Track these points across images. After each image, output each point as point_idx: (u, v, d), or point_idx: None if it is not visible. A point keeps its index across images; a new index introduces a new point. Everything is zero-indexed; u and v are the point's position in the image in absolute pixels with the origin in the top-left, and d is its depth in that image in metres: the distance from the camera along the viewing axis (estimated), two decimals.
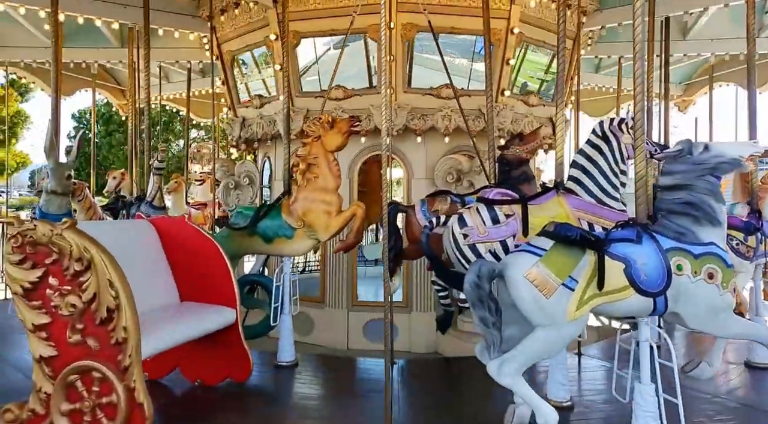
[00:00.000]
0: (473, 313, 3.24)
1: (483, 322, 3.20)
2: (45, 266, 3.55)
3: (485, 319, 3.19)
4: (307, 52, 7.49)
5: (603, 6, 7.99)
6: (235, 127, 8.41)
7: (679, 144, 3.47)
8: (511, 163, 5.46)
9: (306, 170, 5.31)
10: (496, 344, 3.19)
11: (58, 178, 5.44)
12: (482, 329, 3.22)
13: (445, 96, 7.13)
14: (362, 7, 6.88)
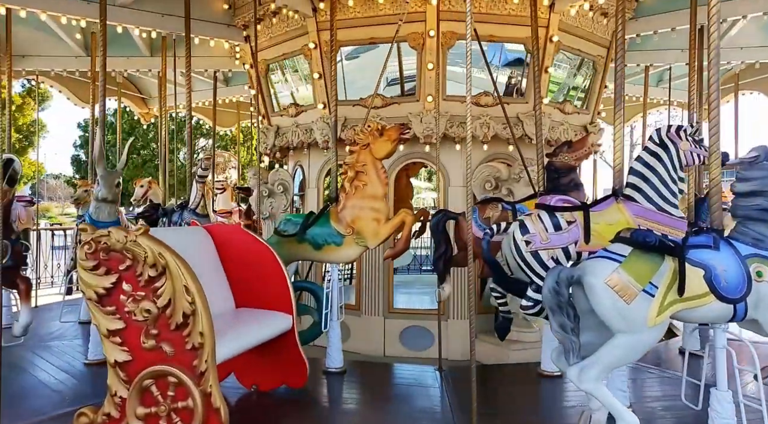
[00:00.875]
0: (551, 319, 3.24)
1: (562, 328, 3.20)
2: (119, 272, 3.59)
3: (564, 325, 3.20)
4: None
5: (638, 14, 8.01)
6: (269, 135, 8.46)
7: (754, 150, 3.48)
8: (559, 170, 5.49)
9: (354, 178, 5.35)
10: (575, 350, 3.19)
11: (108, 186, 5.50)
12: (561, 335, 3.22)
13: (483, 104, 7.17)
14: (401, 16, 6.96)
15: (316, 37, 7.21)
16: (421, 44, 6.90)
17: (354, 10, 6.92)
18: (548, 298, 3.22)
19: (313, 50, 7.29)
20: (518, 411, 4.60)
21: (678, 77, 11.06)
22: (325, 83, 7.31)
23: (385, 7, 6.96)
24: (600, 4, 7.47)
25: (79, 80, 11.57)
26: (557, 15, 7.14)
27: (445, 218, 5.43)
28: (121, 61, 10.27)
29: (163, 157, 9.86)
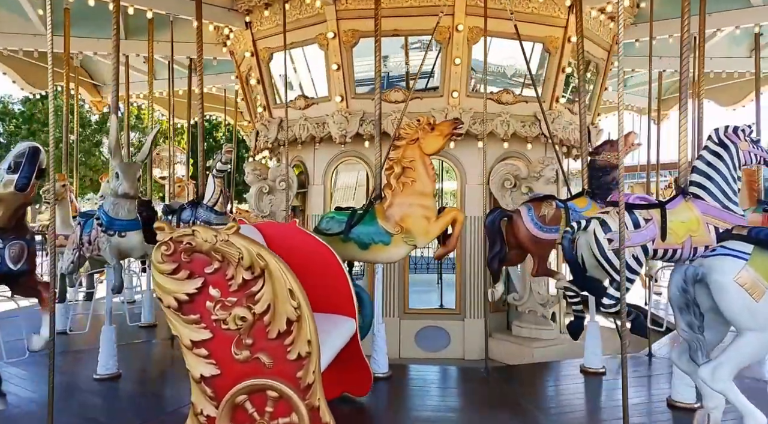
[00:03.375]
0: (679, 318, 3.20)
1: (690, 327, 3.16)
2: (204, 276, 3.19)
3: (692, 324, 3.16)
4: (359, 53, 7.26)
5: (638, 20, 8.27)
6: (271, 128, 8.01)
7: None
8: (603, 168, 5.52)
9: (401, 174, 5.10)
10: (703, 348, 3.16)
11: (130, 179, 4.94)
12: (689, 335, 3.18)
13: (504, 101, 7.12)
14: (428, 9, 6.79)
15: (335, 26, 6.88)
16: (448, 39, 6.74)
17: None
18: (676, 297, 3.17)
19: (331, 40, 6.95)
20: (577, 408, 4.55)
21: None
22: (343, 75, 6.99)
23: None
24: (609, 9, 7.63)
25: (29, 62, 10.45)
26: (574, 16, 7.20)
27: (501, 215, 5.32)
28: (90, 42, 9.38)
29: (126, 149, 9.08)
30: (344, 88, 7.07)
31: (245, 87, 9.18)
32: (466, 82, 6.99)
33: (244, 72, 9.03)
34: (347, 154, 7.61)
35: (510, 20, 6.58)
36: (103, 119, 25.32)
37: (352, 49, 7.02)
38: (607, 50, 8.37)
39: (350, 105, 7.13)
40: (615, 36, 8.38)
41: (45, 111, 26.06)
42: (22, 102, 27.17)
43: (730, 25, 7.82)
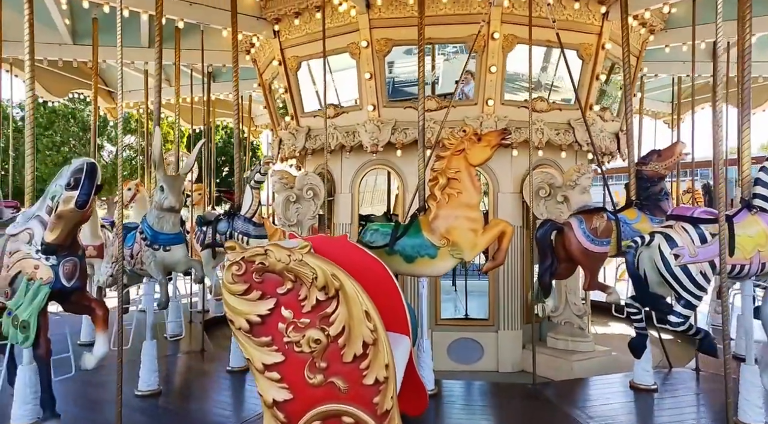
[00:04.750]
0: None
1: None
2: (276, 296, 3.09)
3: None
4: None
5: (670, 26, 8.21)
6: (299, 137, 7.92)
7: None
8: (651, 179, 5.44)
9: (446, 185, 5.00)
10: None
11: (176, 193, 4.84)
12: None
13: (538, 109, 7.03)
14: (461, 17, 6.72)
15: (368, 35, 6.80)
16: (483, 47, 6.66)
17: (412, 9, 6.56)
18: None
19: (363, 49, 6.86)
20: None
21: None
22: (375, 84, 6.91)
23: (446, 8, 6.67)
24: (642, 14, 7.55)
25: (51, 71, 10.38)
26: (609, 23, 7.15)
27: (552, 228, 5.22)
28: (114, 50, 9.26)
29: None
30: (376, 96, 6.99)
31: (268, 95, 9.10)
32: (501, 90, 6.91)
33: (267, 80, 8.94)
34: (377, 163, 7.51)
35: (545, 27, 6.51)
36: (103, 123, 25.24)
37: (385, 58, 6.93)
38: (636, 56, 8.29)
39: (382, 114, 7.04)
40: (644, 41, 8.32)
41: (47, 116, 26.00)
42: (21, 107, 27.04)
43: (764, 30, 7.72)
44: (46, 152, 25.14)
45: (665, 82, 11.75)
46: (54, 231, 3.79)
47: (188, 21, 7.41)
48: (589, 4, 7.02)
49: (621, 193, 7.25)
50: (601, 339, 7.67)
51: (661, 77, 10.99)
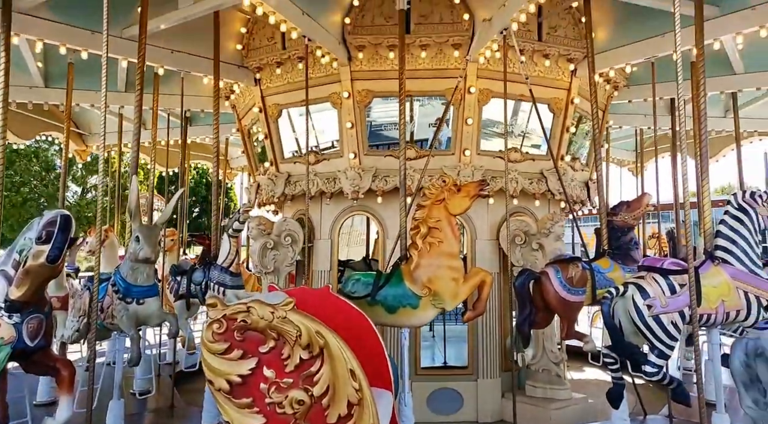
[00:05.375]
0: (744, 395, 3.19)
1: (755, 403, 3.15)
2: (258, 356, 3.04)
3: (758, 400, 3.16)
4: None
5: (632, 83, 8.68)
6: (278, 183, 7.94)
7: None
8: (621, 229, 5.62)
9: (428, 234, 5.07)
10: None
11: (152, 244, 4.76)
12: (755, 412, 3.17)
13: (513, 159, 7.25)
14: (439, 71, 6.98)
15: (350, 86, 6.98)
16: (460, 100, 6.91)
17: (393, 63, 6.80)
18: (740, 372, 3.17)
19: (345, 99, 7.03)
20: None
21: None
22: (356, 132, 7.05)
23: (424, 62, 6.93)
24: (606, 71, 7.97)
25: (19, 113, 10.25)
26: (578, 80, 7.52)
27: (529, 277, 5.31)
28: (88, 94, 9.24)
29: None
30: (357, 145, 7.12)
31: (247, 140, 9.16)
32: (477, 141, 7.13)
33: (246, 126, 9.02)
34: (357, 209, 7.57)
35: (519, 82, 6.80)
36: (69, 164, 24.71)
37: (366, 108, 7.10)
38: (603, 110, 8.68)
39: (363, 161, 7.16)
40: (610, 96, 8.75)
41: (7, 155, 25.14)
42: None
43: (716, 90, 8.25)
44: (5, 193, 24.40)
45: (629, 133, 12.31)
46: (21, 287, 3.61)
47: (169, 68, 7.47)
48: (558, 61, 7.39)
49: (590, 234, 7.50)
50: (577, 385, 7.69)
51: (625, 128, 11.50)
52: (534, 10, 6.18)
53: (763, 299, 4.40)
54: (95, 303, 3.81)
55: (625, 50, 7.32)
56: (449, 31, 6.92)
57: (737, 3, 6.12)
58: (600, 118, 8.63)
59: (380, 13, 7.02)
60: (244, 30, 7.98)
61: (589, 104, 7.85)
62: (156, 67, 7.38)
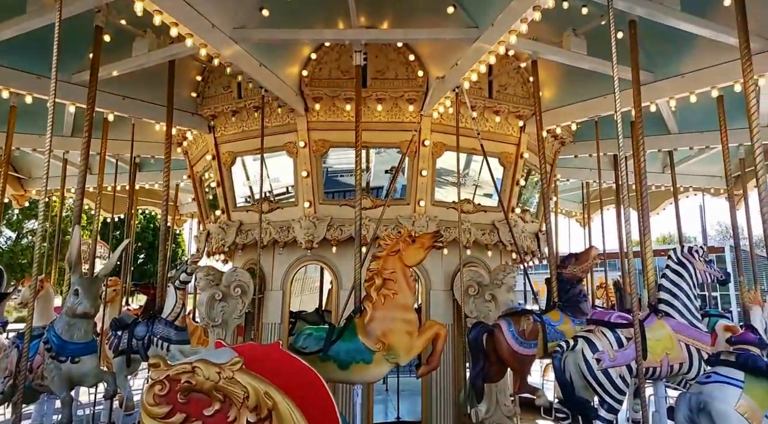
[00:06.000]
0: None
1: None
2: (202, 419, 2.87)
3: None
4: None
5: (577, 139, 9.14)
6: (230, 231, 7.75)
7: None
8: (570, 281, 5.75)
9: (382, 286, 5.02)
10: None
11: (92, 297, 4.47)
12: None
13: (466, 210, 7.39)
14: (394, 124, 7.15)
15: (306, 136, 7.02)
16: (415, 152, 7.06)
17: (349, 114, 6.92)
18: None
19: (301, 149, 7.05)
20: None
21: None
22: (312, 182, 7.04)
23: (380, 115, 7.08)
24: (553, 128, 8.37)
25: None
26: (526, 135, 7.85)
27: (483, 331, 5.30)
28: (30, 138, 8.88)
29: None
30: (312, 193, 7.09)
31: (198, 188, 8.98)
32: (432, 192, 7.25)
33: (198, 172, 8.87)
34: (311, 259, 7.46)
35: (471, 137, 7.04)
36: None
37: (321, 157, 7.14)
38: (550, 164, 9.06)
39: (318, 210, 7.12)
40: (557, 151, 9.16)
41: None
42: None
43: (654, 148, 8.80)
44: None
45: (577, 185, 12.86)
46: None
47: (120, 114, 7.32)
48: (508, 118, 7.72)
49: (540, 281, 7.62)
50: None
51: (572, 181, 12.02)
52: (484, 70, 6.46)
53: (703, 351, 4.56)
54: (25, 362, 3.50)
55: (570, 109, 7.75)
56: (404, 86, 7.15)
57: (669, 70, 6.63)
58: (548, 171, 9.03)
59: (337, 67, 7.19)
60: (199, 78, 7.98)
61: (538, 158, 8.22)
62: (106, 113, 7.21)
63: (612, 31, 4.26)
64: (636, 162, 5.81)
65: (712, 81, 6.29)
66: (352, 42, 6.12)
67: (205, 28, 5.30)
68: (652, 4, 5.29)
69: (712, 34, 5.56)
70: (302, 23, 6.39)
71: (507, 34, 5.24)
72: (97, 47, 5.51)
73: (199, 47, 5.42)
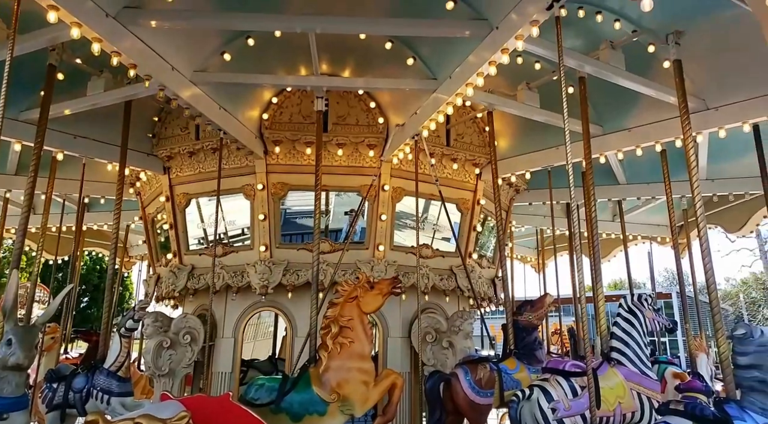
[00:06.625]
0: None
1: None
2: None
3: None
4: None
5: (530, 187, 9.42)
6: (181, 276, 7.48)
7: (741, 327, 4.13)
8: (526, 329, 5.78)
9: (339, 334, 4.91)
10: None
11: (27, 348, 4.14)
12: None
13: (424, 255, 7.40)
14: (355, 168, 7.19)
15: (265, 179, 6.96)
16: (374, 197, 7.09)
17: (309, 158, 6.93)
18: None
19: (259, 191, 6.97)
20: None
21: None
22: (269, 225, 6.93)
23: (341, 159, 7.12)
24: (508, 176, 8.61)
25: None
26: (482, 183, 8.04)
27: (440, 380, 5.21)
28: None
29: None
30: (269, 237, 6.98)
31: (150, 230, 8.70)
32: (391, 237, 7.26)
33: (150, 214, 8.61)
34: (265, 305, 7.25)
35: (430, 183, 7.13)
36: None
37: (280, 200, 7.07)
38: (506, 211, 9.27)
39: (274, 254, 6.99)
40: (512, 198, 9.40)
41: None
42: None
43: (604, 197, 9.16)
44: None
45: (532, 231, 13.17)
46: None
47: (70, 154, 7.08)
48: (465, 165, 7.91)
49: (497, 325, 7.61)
50: None
51: (527, 227, 12.31)
52: (443, 119, 6.64)
53: (654, 400, 4.62)
54: None
55: (524, 158, 8.01)
56: (365, 132, 7.26)
57: (617, 124, 6.99)
58: (503, 218, 9.24)
59: (299, 111, 7.24)
60: (156, 118, 7.86)
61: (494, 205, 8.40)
62: (55, 152, 6.95)
63: (563, 87, 4.46)
64: (587, 211, 6.05)
65: (656, 136, 6.65)
66: (314, 88, 6.20)
67: (164, 70, 5.27)
68: (599, 63, 5.61)
69: (653, 93, 5.92)
70: (265, 68, 6.46)
71: (464, 87, 5.42)
72: (49, 86, 5.36)
73: (158, 89, 5.36)
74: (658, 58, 5.65)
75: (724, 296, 40.39)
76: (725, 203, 9.32)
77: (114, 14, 4.57)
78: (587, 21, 5.61)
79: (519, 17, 4.43)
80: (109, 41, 4.59)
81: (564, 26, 4.65)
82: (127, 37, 4.75)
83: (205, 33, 5.76)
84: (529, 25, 4.38)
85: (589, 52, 5.72)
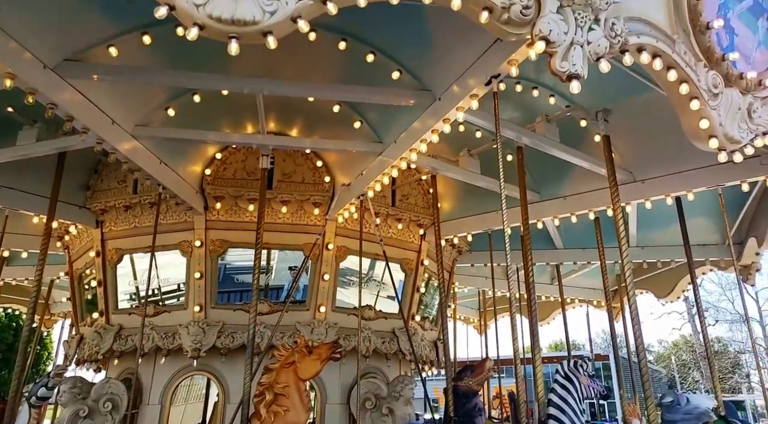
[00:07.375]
0: None
1: None
2: None
3: None
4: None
5: (472, 249, 9.59)
6: (107, 336, 6.97)
7: (669, 395, 4.26)
8: (466, 394, 5.68)
9: (273, 402, 4.69)
10: None
11: None
12: None
13: (366, 317, 7.28)
14: (299, 226, 7.11)
15: (203, 235, 6.74)
16: (318, 255, 6.99)
17: (252, 215, 6.80)
18: None
19: (197, 248, 6.72)
20: None
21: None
22: (205, 283, 6.65)
23: (284, 217, 7.03)
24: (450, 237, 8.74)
25: None
26: (426, 243, 8.12)
27: None
28: None
29: None
30: (205, 296, 6.68)
31: (76, 286, 8.15)
32: (333, 297, 7.12)
33: (78, 270, 8.10)
34: (197, 369, 6.82)
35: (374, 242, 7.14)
36: None
37: (218, 258, 6.84)
38: (449, 271, 9.36)
39: (209, 315, 6.68)
40: (454, 259, 9.52)
41: None
42: None
43: (542, 261, 9.44)
44: None
45: (474, 292, 13.31)
46: None
47: None
48: (409, 226, 8.00)
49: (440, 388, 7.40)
50: None
51: (469, 288, 12.44)
52: (388, 181, 6.73)
53: None
54: None
55: (466, 221, 8.20)
56: (310, 190, 7.24)
57: (553, 192, 7.32)
58: (446, 279, 9.33)
59: (243, 167, 7.17)
60: (91, 170, 7.55)
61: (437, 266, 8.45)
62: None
63: (500, 156, 4.66)
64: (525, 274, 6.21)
65: (589, 205, 7.00)
66: (260, 147, 6.17)
67: (104, 123, 5.12)
68: (535, 135, 5.91)
69: (586, 164, 6.27)
70: (210, 124, 6.39)
71: (408, 152, 5.56)
72: None
73: (96, 142, 5.18)
74: (589, 132, 6.03)
75: (657, 358, 41.67)
76: (654, 270, 9.80)
77: (53, 66, 4.44)
78: (524, 95, 5.96)
79: (460, 90, 4.65)
80: (46, 93, 4.44)
81: (503, 99, 4.91)
82: (66, 89, 4.61)
83: (150, 88, 5.69)
84: (470, 98, 4.59)
85: (526, 123, 6.03)
